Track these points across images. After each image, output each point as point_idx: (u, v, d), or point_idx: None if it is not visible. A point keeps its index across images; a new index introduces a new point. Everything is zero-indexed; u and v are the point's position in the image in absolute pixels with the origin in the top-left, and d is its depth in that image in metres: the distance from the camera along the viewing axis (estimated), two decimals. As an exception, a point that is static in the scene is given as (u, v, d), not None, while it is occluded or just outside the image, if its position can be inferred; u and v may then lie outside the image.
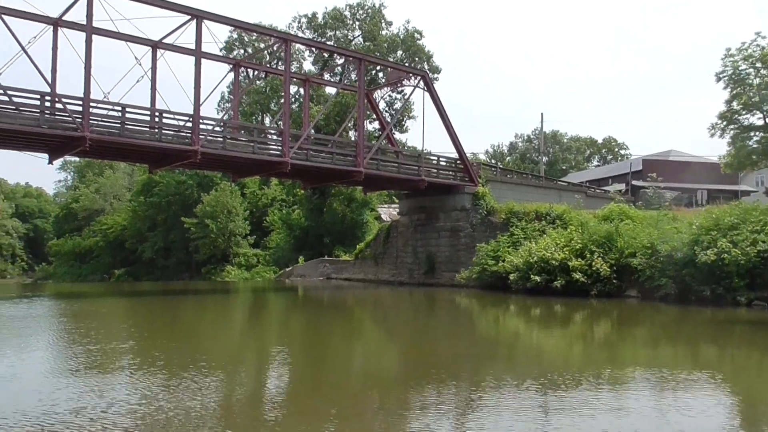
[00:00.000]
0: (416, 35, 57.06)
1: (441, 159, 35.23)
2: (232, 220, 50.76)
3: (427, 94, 33.26)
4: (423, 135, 45.85)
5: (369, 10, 57.82)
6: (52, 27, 24.39)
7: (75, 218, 69.56)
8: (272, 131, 35.53)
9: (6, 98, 21.43)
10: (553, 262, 24.65)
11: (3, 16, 21.40)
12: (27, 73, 29.30)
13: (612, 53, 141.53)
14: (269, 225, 54.12)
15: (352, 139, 42.81)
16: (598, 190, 49.39)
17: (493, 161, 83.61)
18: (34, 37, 23.26)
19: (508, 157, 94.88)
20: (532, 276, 25.02)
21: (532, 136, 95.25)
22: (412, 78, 34.89)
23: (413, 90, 34.18)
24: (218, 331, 16.68)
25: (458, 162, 34.65)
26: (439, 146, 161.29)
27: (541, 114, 79.06)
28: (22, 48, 21.48)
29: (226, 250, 51.53)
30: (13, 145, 24.61)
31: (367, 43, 56.14)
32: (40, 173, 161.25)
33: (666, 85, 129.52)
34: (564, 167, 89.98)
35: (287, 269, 47.36)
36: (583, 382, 8.98)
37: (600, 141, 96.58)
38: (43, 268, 71.20)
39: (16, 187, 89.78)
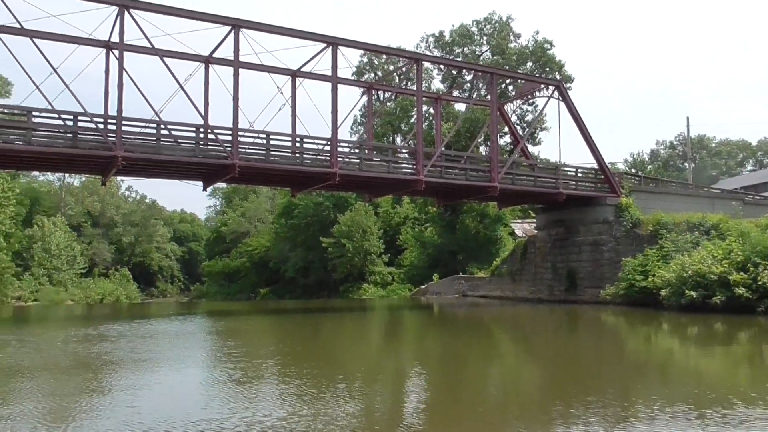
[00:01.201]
0: (546, 45, 55.81)
1: (579, 170, 33.90)
2: (367, 239, 51.90)
3: (562, 104, 32.25)
4: (560, 146, 44.74)
5: (496, 24, 57.42)
6: (203, 64, 26.48)
7: (224, 241, 74.53)
8: (404, 150, 36.06)
9: (166, 132, 23.50)
10: (711, 276, 22.74)
11: (164, 58, 23.49)
12: (180, 107, 32.14)
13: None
14: (403, 243, 54.78)
15: (483, 154, 42.48)
16: (757, 197, 45.10)
17: (633, 170, 79.20)
18: (190, 75, 25.39)
19: (650, 165, 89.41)
20: (686, 292, 23.23)
21: (675, 142, 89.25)
22: (544, 89, 34.00)
23: (547, 101, 33.29)
24: (357, 348, 16.95)
25: (598, 172, 33.17)
26: (573, 157, 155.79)
27: (687, 118, 73.72)
28: (180, 85, 23.47)
29: (362, 268, 52.75)
30: (173, 175, 26.94)
31: (495, 57, 55.71)
32: (192, 200, 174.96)
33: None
34: (714, 173, 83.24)
35: (422, 287, 47.58)
36: (752, 415, 8.08)
37: (754, 143, 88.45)
38: (197, 288, 76.77)
39: (173, 214, 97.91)
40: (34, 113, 21.59)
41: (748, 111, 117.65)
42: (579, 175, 33.68)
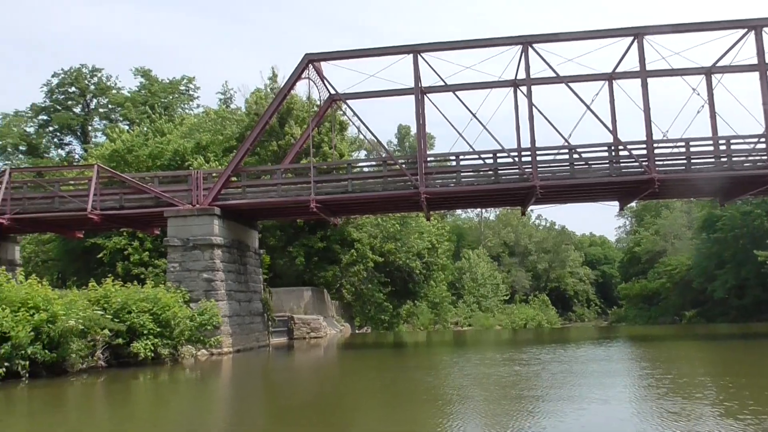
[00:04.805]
0: None
1: None
2: (821, 249, 43.07)
3: None
4: None
5: None
6: (607, 82, 25.86)
7: (638, 261, 71.14)
8: None
9: (577, 156, 23.68)
10: None
11: (569, 83, 23.86)
12: (584, 129, 32.13)
13: None
14: None
15: None
16: None
17: None
18: (596, 94, 25.05)
19: None
20: None
21: None
22: None
23: None
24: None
25: None
26: None
27: None
28: (588, 107, 23.42)
29: (816, 285, 43.93)
30: (587, 198, 26.98)
31: None
32: (600, 222, 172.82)
33: None
34: None
35: None
36: None
37: None
38: (614, 312, 74.79)
39: (582, 238, 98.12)
40: (461, 157, 24.29)
41: None
42: None
